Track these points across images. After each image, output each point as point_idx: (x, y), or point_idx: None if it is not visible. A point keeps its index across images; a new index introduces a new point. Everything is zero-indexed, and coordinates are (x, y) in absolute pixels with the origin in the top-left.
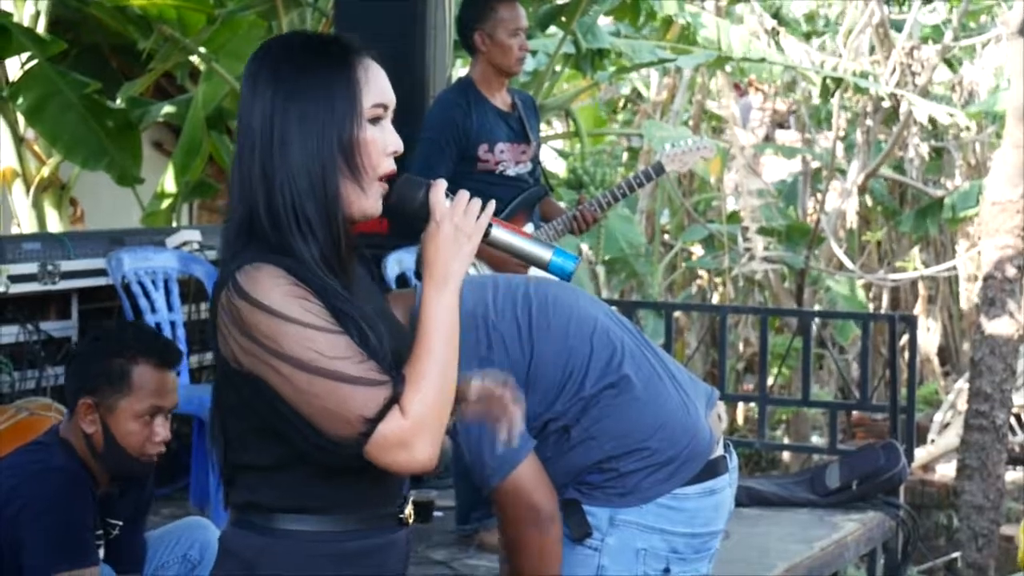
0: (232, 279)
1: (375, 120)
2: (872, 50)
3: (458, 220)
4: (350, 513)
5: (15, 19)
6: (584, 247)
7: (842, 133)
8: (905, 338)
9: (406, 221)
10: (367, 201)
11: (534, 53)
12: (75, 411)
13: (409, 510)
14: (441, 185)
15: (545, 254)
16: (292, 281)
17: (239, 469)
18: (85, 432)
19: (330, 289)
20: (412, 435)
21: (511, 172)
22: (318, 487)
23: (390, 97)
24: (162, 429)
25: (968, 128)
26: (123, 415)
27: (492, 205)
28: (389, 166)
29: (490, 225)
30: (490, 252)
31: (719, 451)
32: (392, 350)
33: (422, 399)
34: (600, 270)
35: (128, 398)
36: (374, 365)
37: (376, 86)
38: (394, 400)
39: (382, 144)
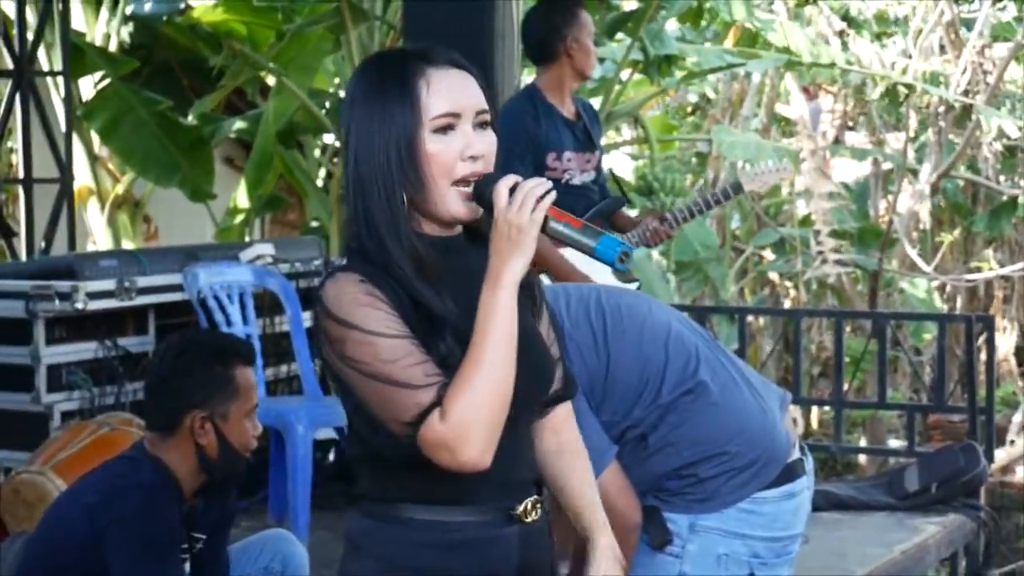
0: (320, 290)
1: (444, 129)
2: (943, 49)
3: (511, 216)
4: (455, 504)
5: (88, 39)
6: (655, 253)
7: (913, 134)
8: (982, 339)
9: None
10: (444, 206)
11: (602, 60)
12: (178, 428)
13: (524, 507)
14: (505, 181)
15: (591, 242)
16: (364, 289)
17: (352, 462)
18: (198, 444)
19: (403, 296)
20: (452, 437)
21: (576, 181)
22: (416, 479)
23: (464, 103)
24: (256, 424)
25: None
26: (236, 418)
27: (551, 197)
28: (465, 170)
29: (547, 217)
30: (556, 269)
31: (796, 454)
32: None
33: (465, 401)
34: (671, 276)
35: (238, 401)
36: (428, 369)
37: (444, 95)
38: (436, 403)
39: (454, 151)
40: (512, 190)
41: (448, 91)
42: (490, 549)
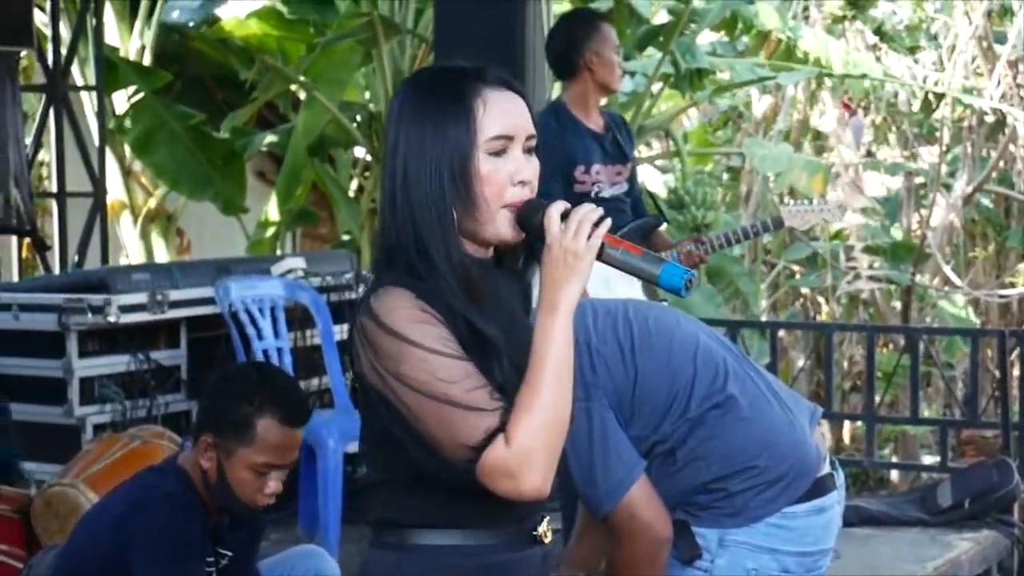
0: (367, 301)
1: (497, 152)
2: (975, 63)
3: (567, 242)
4: (481, 528)
5: (121, 53)
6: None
7: (945, 147)
8: (1015, 354)
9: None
10: (492, 229)
11: (632, 74)
12: (197, 444)
13: (544, 528)
14: (556, 207)
15: (655, 269)
16: (419, 305)
17: (375, 483)
18: (202, 467)
19: (457, 314)
20: (516, 465)
21: (606, 193)
22: (446, 503)
23: (517, 127)
24: (274, 483)
25: None
26: (239, 463)
27: (607, 224)
28: (515, 195)
29: (603, 244)
30: None
31: (826, 468)
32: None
33: (528, 428)
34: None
35: (247, 448)
36: (488, 392)
37: (499, 117)
38: (500, 429)
39: (506, 175)
40: (563, 216)
41: (503, 113)
42: (517, 571)
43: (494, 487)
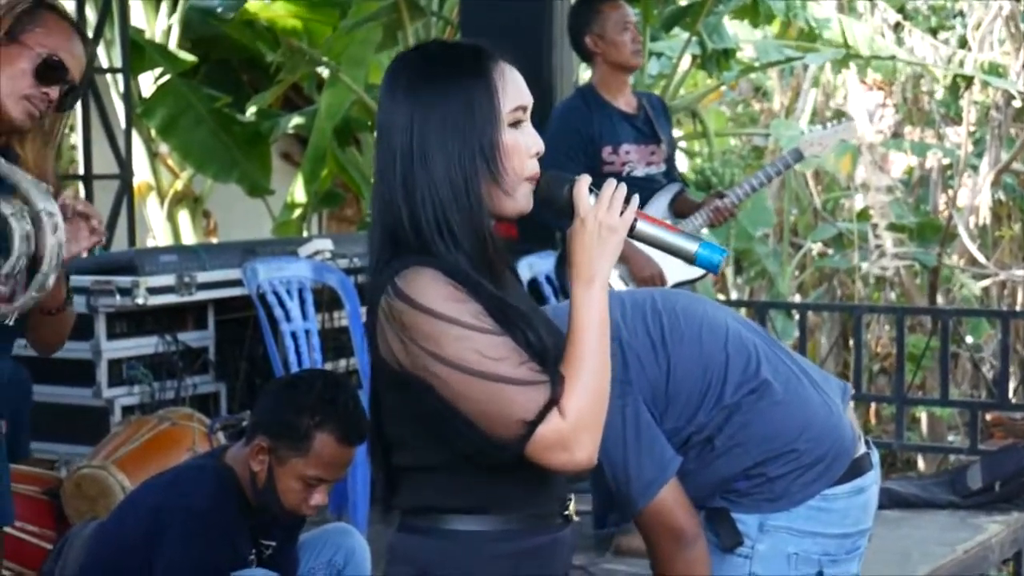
0: (391, 283)
1: (515, 124)
2: (1002, 43)
3: (601, 216)
4: (518, 512)
5: (147, 36)
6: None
7: (972, 128)
8: None
9: (540, 224)
10: (514, 202)
11: (659, 55)
12: (250, 444)
13: (572, 508)
14: (584, 181)
15: (691, 247)
16: (451, 283)
17: (404, 471)
18: (252, 468)
19: (486, 290)
20: (571, 436)
21: (639, 173)
22: (483, 487)
23: (528, 99)
24: (320, 496)
25: None
26: (290, 472)
27: (636, 199)
28: (533, 168)
29: (635, 219)
30: (632, 259)
31: (862, 448)
32: (552, 346)
33: (579, 399)
34: (728, 270)
35: (302, 460)
36: (534, 366)
37: (514, 89)
38: (553, 401)
39: (524, 146)
40: (590, 191)
41: (515, 84)
42: (553, 552)
43: (547, 461)
